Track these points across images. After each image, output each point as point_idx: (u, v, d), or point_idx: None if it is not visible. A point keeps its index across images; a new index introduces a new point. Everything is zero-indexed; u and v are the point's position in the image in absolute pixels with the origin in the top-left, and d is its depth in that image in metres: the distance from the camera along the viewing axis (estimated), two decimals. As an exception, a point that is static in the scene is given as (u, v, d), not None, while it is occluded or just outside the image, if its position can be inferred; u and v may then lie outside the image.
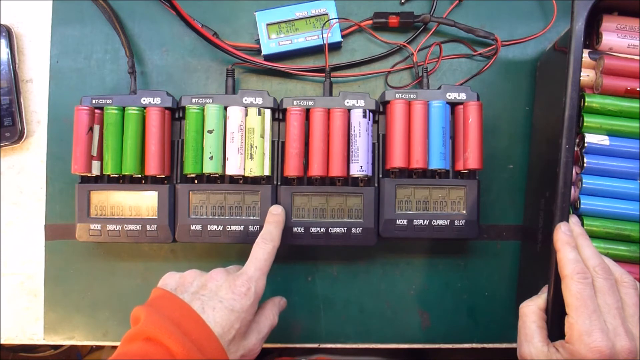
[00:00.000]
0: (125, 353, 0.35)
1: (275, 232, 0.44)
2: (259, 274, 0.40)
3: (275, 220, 0.45)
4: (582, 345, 0.35)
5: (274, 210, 0.46)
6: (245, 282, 0.39)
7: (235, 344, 0.38)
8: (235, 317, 0.38)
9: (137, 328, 0.36)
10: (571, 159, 0.40)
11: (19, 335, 0.52)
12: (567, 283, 0.37)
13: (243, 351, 0.39)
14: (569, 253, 0.38)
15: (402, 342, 0.52)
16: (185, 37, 0.52)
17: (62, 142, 0.52)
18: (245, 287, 0.39)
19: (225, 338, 0.37)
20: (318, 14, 0.50)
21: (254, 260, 0.41)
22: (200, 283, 0.40)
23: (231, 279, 0.39)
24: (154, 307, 0.37)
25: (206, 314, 0.37)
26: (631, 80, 0.43)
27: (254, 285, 0.39)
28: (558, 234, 0.40)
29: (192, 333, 0.35)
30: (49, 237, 0.52)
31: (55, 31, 0.53)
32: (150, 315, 0.36)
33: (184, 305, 0.37)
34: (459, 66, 0.52)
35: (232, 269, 0.42)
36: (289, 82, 0.53)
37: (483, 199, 0.51)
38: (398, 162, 0.45)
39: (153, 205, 0.47)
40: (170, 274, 0.42)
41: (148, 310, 0.36)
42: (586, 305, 0.36)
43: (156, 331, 0.35)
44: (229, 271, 0.41)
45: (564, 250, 0.39)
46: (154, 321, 0.35)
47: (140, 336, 0.35)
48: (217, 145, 0.46)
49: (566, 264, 0.38)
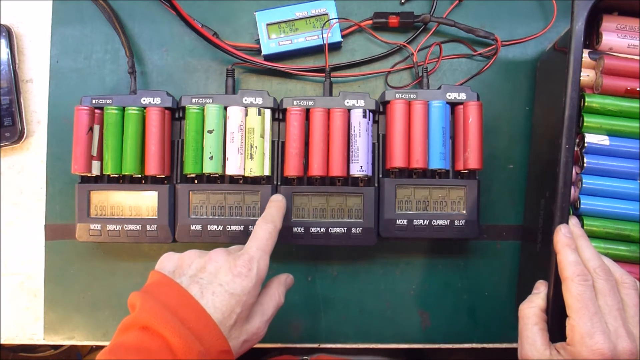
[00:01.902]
0: (121, 343, 0.34)
1: (277, 214, 0.42)
2: (261, 253, 0.38)
3: (276, 205, 0.43)
4: (583, 348, 0.35)
5: (276, 197, 0.45)
6: (246, 262, 0.37)
7: (237, 329, 0.36)
8: (236, 300, 0.36)
9: (132, 316, 0.34)
10: (571, 159, 0.40)
11: (19, 335, 0.52)
12: (568, 285, 0.37)
13: (246, 336, 0.37)
14: (569, 255, 0.38)
15: (402, 342, 0.52)
16: (185, 37, 0.52)
17: (62, 142, 0.52)
18: (246, 268, 0.37)
19: (226, 324, 0.35)
20: (318, 14, 0.50)
21: (255, 240, 0.39)
22: (199, 265, 0.37)
23: (231, 260, 0.37)
24: (149, 293, 0.35)
25: (205, 299, 0.35)
26: (631, 80, 0.43)
27: (255, 266, 0.37)
28: (558, 236, 0.40)
29: (190, 320, 0.34)
30: (49, 237, 0.52)
31: (55, 31, 0.53)
32: (145, 302, 0.34)
33: (181, 291, 0.35)
34: (459, 66, 0.52)
35: (234, 249, 0.40)
36: (289, 82, 0.53)
37: (483, 199, 0.51)
38: (398, 162, 0.45)
39: (153, 205, 0.47)
40: (168, 255, 0.39)
41: (143, 297, 0.35)
42: (587, 307, 0.36)
43: (152, 320, 0.33)
44: (230, 251, 0.39)
45: (564, 252, 0.39)
46: (149, 309, 0.34)
47: (136, 325, 0.34)
48: (217, 145, 0.46)
49: (566, 266, 0.38)
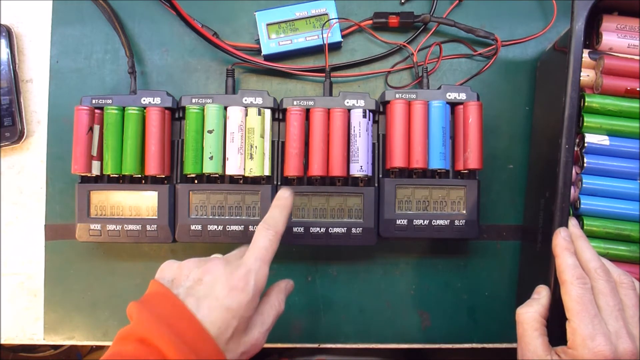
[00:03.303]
0: (119, 353, 0.34)
1: (280, 217, 0.41)
2: (260, 263, 0.37)
3: (281, 204, 0.41)
4: (585, 350, 0.35)
5: (282, 194, 0.42)
6: (243, 276, 0.36)
7: (234, 342, 0.36)
8: (232, 315, 0.35)
9: (129, 327, 0.35)
10: (571, 159, 0.40)
11: (19, 335, 0.52)
12: (567, 288, 0.37)
13: (244, 348, 0.37)
14: (568, 259, 0.38)
15: (402, 342, 0.52)
16: (185, 37, 0.52)
17: (62, 142, 0.52)
18: (243, 282, 0.36)
19: (222, 338, 0.35)
20: (318, 14, 0.50)
21: (254, 249, 0.38)
22: (197, 276, 0.37)
23: (229, 272, 0.37)
24: (146, 305, 0.35)
25: (201, 312, 0.35)
26: (631, 80, 0.43)
27: (253, 278, 0.36)
28: (557, 239, 0.40)
29: (186, 334, 0.34)
30: (49, 237, 0.52)
31: (55, 31, 0.53)
32: (141, 314, 0.34)
33: (177, 304, 0.35)
34: (459, 66, 0.52)
35: (234, 257, 0.40)
36: (289, 82, 0.53)
37: (483, 199, 0.51)
38: (398, 162, 0.45)
39: (153, 205, 0.47)
40: (169, 263, 0.40)
41: (140, 308, 0.35)
42: (587, 309, 0.36)
43: (148, 332, 0.33)
44: (229, 260, 0.39)
45: (563, 256, 0.39)
46: (145, 320, 0.34)
47: (133, 336, 0.34)
48: (217, 145, 0.46)
49: (565, 270, 0.38)
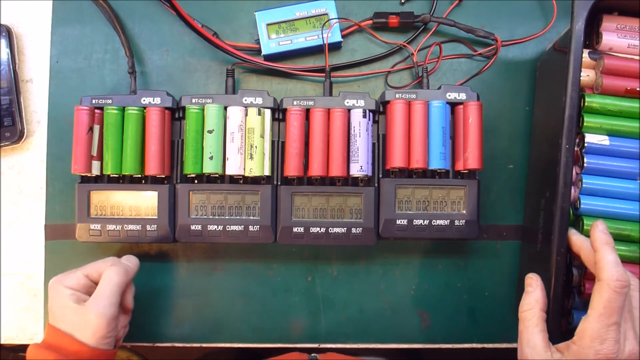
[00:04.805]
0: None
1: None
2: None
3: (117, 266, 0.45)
4: (591, 350, 0.35)
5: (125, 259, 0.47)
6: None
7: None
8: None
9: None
10: (571, 159, 0.40)
11: (19, 335, 0.52)
12: (602, 288, 0.35)
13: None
14: (609, 254, 0.36)
15: (402, 342, 0.52)
16: (185, 37, 0.52)
17: (62, 142, 0.52)
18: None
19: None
20: (318, 14, 0.50)
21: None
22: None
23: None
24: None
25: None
26: (631, 80, 0.43)
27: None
28: (596, 233, 0.38)
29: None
30: (49, 237, 0.52)
31: (55, 31, 0.53)
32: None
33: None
34: (459, 66, 0.52)
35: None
36: (289, 82, 0.53)
37: (483, 199, 0.51)
38: (398, 162, 0.45)
39: (153, 205, 0.47)
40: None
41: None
42: (610, 316, 0.35)
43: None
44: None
45: (604, 250, 0.36)
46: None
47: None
48: (217, 145, 0.46)
49: (605, 267, 0.35)
